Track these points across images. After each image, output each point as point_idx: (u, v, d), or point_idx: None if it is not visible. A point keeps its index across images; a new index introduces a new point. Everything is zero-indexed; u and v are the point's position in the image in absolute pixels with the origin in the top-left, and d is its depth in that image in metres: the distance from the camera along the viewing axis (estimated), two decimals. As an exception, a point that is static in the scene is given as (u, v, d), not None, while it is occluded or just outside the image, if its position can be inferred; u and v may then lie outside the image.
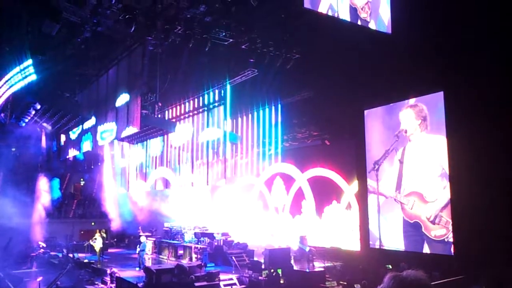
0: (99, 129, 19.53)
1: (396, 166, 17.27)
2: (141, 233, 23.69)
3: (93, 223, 29.28)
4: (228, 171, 21.93)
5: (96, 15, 13.58)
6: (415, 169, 16.61)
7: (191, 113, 22.28)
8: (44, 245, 23.41)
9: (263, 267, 16.65)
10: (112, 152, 28.72)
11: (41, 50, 14.99)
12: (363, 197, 18.71)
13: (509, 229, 12.91)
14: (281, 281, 15.81)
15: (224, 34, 15.17)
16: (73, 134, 25.09)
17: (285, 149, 21.90)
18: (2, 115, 22.97)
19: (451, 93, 15.35)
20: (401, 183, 17.02)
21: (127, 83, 17.06)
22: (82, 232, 29.00)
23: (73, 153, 25.87)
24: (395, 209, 17.16)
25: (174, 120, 22.29)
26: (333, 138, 21.12)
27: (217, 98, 20.68)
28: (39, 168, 28.78)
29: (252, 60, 16.62)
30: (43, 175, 28.07)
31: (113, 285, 16.21)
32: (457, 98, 15.15)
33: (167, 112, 22.94)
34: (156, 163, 25.78)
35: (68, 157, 27.20)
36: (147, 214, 26.68)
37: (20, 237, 20.77)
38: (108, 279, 16.83)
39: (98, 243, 21.77)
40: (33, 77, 16.40)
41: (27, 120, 24.01)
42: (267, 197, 24.89)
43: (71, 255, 21.84)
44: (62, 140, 28.01)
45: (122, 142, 23.77)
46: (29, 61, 15.87)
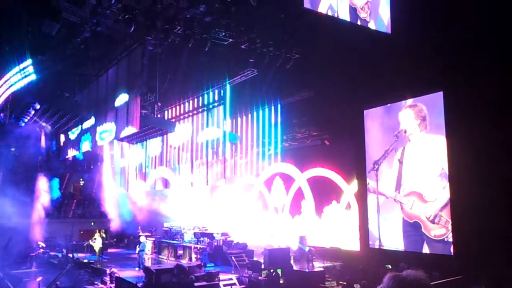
0: (99, 129, 19.53)
1: (395, 166, 17.27)
2: (141, 233, 23.66)
3: (92, 223, 29.25)
4: (227, 171, 21.90)
5: (95, 15, 13.59)
6: (414, 169, 16.61)
7: (190, 113, 22.27)
8: (43, 245, 23.39)
9: (263, 267, 16.63)
10: (111, 152, 28.71)
11: (41, 50, 15.03)
12: (362, 197, 18.70)
13: (509, 229, 12.90)
14: (281, 281, 15.81)
15: (223, 34, 15.17)
16: (73, 134, 25.11)
17: (284, 149, 21.88)
18: (1, 115, 22.97)
19: (451, 93, 15.34)
20: (401, 183, 17.02)
21: (127, 83, 17.06)
22: (81, 232, 28.99)
23: (72, 153, 25.89)
24: (395, 209, 17.15)
25: (173, 120, 22.28)
26: (333, 138, 21.11)
27: (216, 98, 20.68)
28: (39, 168, 28.75)
29: (251, 60, 16.62)
30: (43, 175, 28.08)
31: (112, 285, 16.22)
32: (457, 98, 15.14)
33: (166, 112, 22.92)
34: (155, 163, 25.76)
35: (67, 157, 27.24)
36: (146, 214, 26.67)
37: (19, 237, 20.78)
38: (107, 279, 16.83)
39: (97, 243, 21.75)
40: (33, 77, 16.44)
41: (26, 120, 24.02)
42: (266, 197, 24.88)
43: (70, 255, 21.84)
44: (61, 140, 28.04)
45: (121, 142, 23.75)
46: (29, 61, 15.91)
